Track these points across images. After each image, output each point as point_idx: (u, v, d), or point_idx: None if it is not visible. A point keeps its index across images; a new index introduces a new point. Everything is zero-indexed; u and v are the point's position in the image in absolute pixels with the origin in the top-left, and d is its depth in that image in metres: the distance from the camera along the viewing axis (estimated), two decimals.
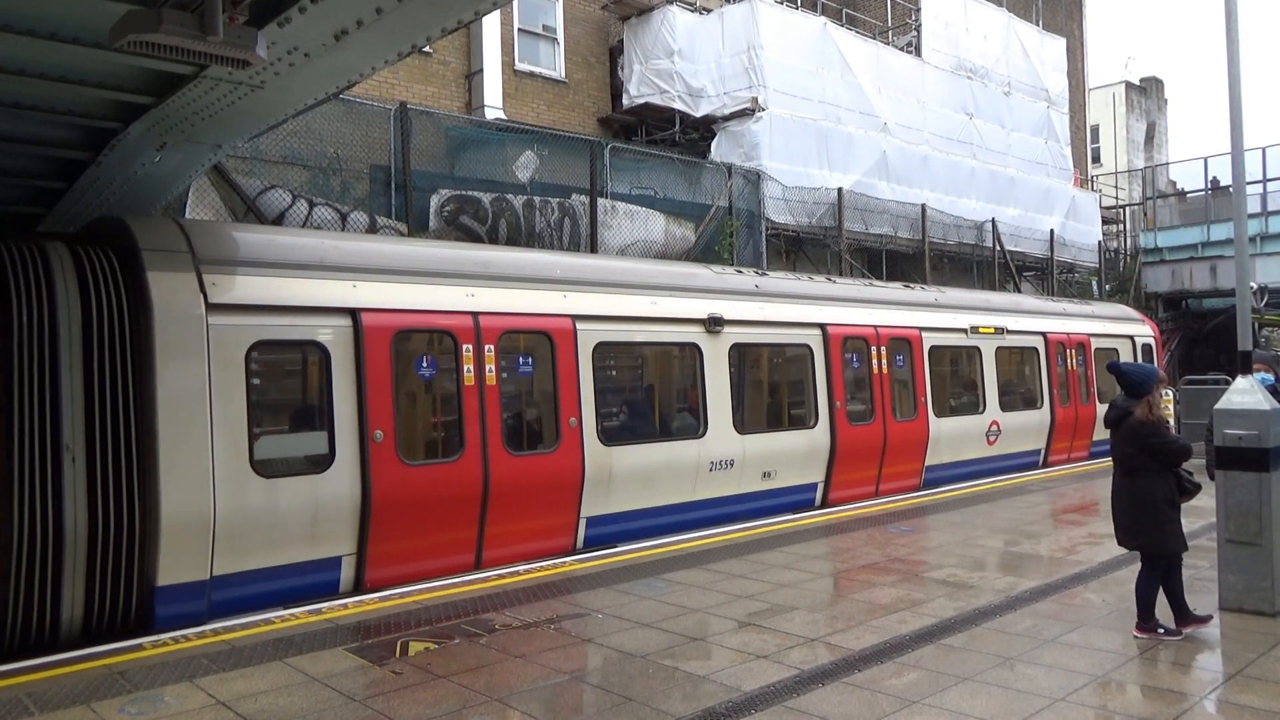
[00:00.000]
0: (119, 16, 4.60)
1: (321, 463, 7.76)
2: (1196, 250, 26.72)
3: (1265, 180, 25.47)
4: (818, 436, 11.89)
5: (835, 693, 5.35)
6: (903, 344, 13.30)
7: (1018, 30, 24.89)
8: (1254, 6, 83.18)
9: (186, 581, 7.00)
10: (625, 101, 18.91)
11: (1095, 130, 36.34)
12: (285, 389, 8.53)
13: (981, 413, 14.63)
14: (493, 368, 8.82)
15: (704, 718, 5.02)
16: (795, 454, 11.65)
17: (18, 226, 8.43)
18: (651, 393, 11.22)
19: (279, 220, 10.75)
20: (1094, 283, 26.85)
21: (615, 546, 9.33)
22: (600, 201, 14.09)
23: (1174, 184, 32.06)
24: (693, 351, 10.63)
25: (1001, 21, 24.37)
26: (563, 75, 18.50)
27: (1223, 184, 26.35)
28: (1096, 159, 36.95)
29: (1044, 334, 16.17)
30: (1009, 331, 15.32)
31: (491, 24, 16.74)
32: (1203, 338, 27.86)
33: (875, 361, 12.75)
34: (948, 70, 22.48)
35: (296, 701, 5.31)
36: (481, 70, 16.77)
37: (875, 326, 12.90)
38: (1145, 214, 29.84)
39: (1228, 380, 12.43)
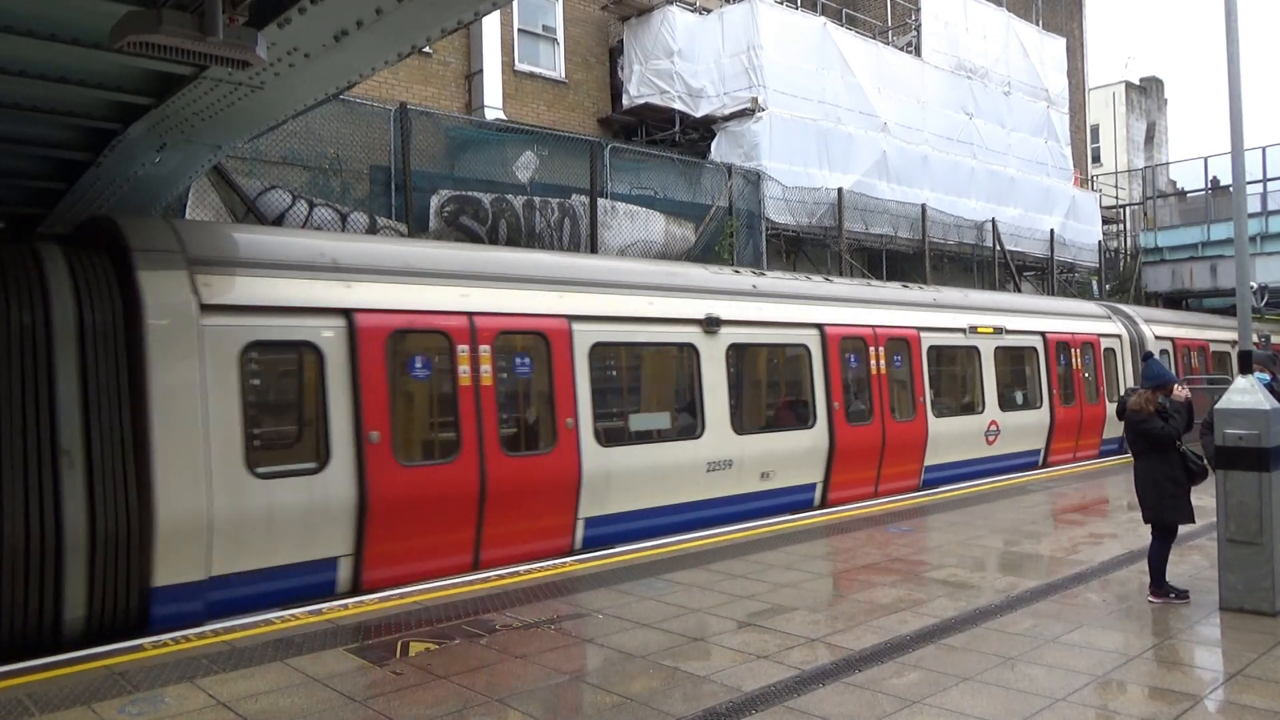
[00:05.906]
0: (119, 17, 4.58)
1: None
2: (1196, 250, 26.69)
3: (1265, 180, 25.40)
4: None
5: (836, 693, 5.35)
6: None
7: (1017, 30, 24.87)
8: (1254, 6, 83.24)
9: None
10: (625, 102, 18.90)
11: (1095, 130, 36.31)
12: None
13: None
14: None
15: (704, 718, 5.02)
16: None
17: (21, 228, 8.44)
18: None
19: (279, 221, 10.72)
20: (1094, 282, 26.83)
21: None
22: (600, 202, 14.09)
23: (1174, 184, 31.99)
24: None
25: (1001, 21, 24.36)
26: (563, 75, 18.49)
27: (1223, 184, 26.31)
28: (1096, 159, 36.94)
29: None
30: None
31: (491, 24, 16.73)
32: None
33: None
34: (947, 70, 22.47)
35: (297, 702, 5.31)
36: (481, 71, 16.77)
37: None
38: (1145, 214, 29.79)
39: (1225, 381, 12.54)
